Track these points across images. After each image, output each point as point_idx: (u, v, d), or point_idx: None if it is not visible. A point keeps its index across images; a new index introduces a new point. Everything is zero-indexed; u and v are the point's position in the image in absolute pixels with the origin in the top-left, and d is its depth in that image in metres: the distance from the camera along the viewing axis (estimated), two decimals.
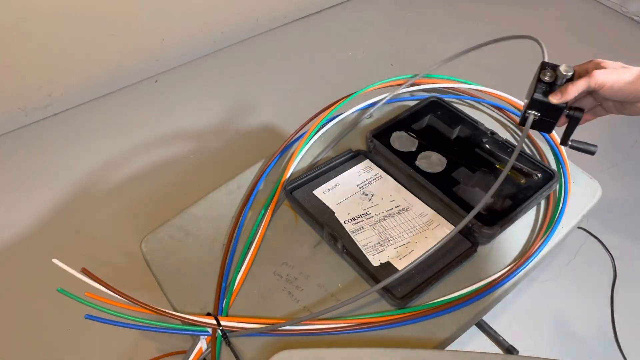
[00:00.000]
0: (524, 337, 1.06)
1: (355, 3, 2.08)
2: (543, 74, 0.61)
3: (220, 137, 1.54)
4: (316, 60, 1.82)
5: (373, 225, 0.74)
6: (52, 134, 1.57)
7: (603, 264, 1.20)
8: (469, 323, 0.67)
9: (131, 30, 1.60)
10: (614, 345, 1.06)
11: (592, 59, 0.63)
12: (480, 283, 0.68)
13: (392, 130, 0.85)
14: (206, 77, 1.75)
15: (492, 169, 0.79)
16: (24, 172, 1.46)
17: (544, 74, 0.61)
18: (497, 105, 0.95)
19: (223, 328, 0.64)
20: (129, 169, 1.45)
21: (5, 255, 1.26)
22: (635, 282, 1.16)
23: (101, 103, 1.67)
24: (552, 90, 0.61)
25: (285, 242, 0.75)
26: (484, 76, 1.56)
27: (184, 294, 0.70)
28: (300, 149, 0.86)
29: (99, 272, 0.55)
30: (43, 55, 1.48)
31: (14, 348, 1.10)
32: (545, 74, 0.61)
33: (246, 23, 1.85)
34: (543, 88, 0.61)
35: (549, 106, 0.61)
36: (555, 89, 0.61)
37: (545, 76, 0.61)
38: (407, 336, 0.64)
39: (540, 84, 0.61)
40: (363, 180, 0.80)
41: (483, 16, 1.98)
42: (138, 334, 1.09)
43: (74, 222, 1.33)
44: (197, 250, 0.75)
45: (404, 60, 1.80)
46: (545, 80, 0.61)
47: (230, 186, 0.83)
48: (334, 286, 0.69)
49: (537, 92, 0.61)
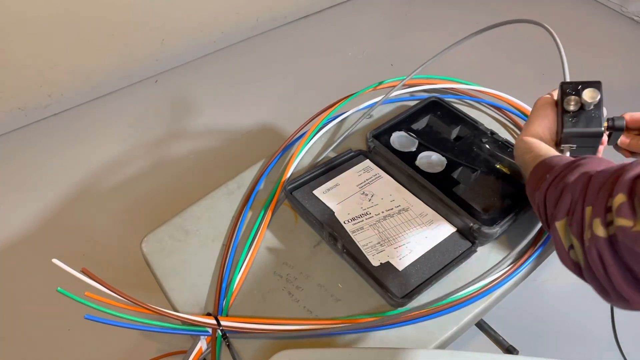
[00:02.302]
0: (524, 337, 1.06)
1: (355, 3, 2.08)
2: (567, 103, 0.56)
3: (220, 137, 1.54)
4: (316, 60, 1.82)
5: (373, 225, 0.74)
6: (52, 134, 1.57)
7: None
8: (469, 323, 0.67)
9: (131, 30, 1.60)
10: (614, 345, 1.06)
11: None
12: (480, 283, 0.68)
13: (392, 131, 0.85)
14: (206, 77, 1.75)
15: (492, 169, 0.79)
16: (23, 172, 1.46)
17: (567, 104, 0.56)
18: (497, 106, 0.95)
19: (223, 328, 0.64)
20: (129, 168, 1.45)
21: (5, 255, 1.26)
22: None
23: (101, 103, 1.67)
24: (580, 117, 0.55)
25: (285, 242, 0.75)
26: (483, 76, 1.56)
27: (183, 294, 0.70)
28: (300, 149, 0.86)
29: (98, 271, 0.55)
30: (43, 55, 1.48)
31: (13, 348, 1.10)
32: (569, 103, 0.56)
33: (246, 23, 1.85)
34: (571, 119, 0.56)
35: (584, 134, 0.56)
36: (583, 116, 0.55)
37: (569, 106, 0.56)
38: (407, 336, 0.64)
39: (566, 115, 0.56)
40: (363, 180, 0.80)
41: (483, 16, 1.98)
42: (138, 334, 1.09)
43: (74, 221, 1.33)
44: (197, 250, 0.75)
45: (404, 60, 1.80)
46: (570, 110, 0.56)
47: (230, 186, 0.83)
48: (334, 286, 0.69)
49: (565, 127, 0.55)
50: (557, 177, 0.45)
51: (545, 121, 0.58)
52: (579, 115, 0.56)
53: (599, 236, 0.36)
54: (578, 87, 0.56)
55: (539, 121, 0.59)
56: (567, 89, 0.57)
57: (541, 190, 0.47)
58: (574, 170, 0.44)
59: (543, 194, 0.47)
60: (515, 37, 1.71)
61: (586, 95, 0.54)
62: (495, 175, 0.78)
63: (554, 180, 0.45)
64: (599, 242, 0.36)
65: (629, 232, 0.33)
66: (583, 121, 0.56)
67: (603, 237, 0.36)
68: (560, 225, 0.42)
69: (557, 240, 0.43)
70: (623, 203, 0.34)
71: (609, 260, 0.36)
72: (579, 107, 0.55)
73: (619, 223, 0.34)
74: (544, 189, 0.47)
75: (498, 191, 0.76)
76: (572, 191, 0.42)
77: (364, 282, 0.69)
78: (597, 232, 0.36)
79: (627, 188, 0.35)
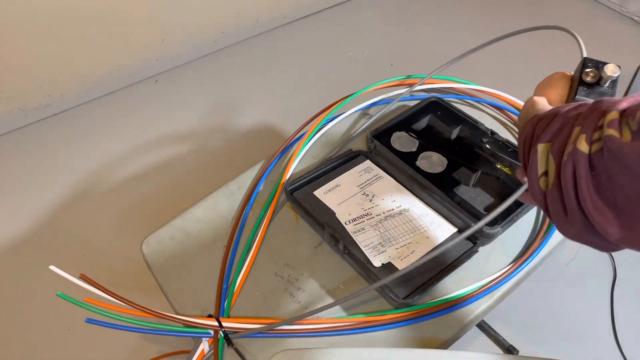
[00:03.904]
0: (524, 337, 1.06)
1: (355, 3, 2.07)
2: (586, 75, 0.54)
3: (220, 137, 1.54)
4: (316, 60, 1.82)
5: (374, 225, 0.74)
6: (52, 134, 1.57)
7: (603, 264, 1.20)
8: (471, 323, 0.67)
9: (131, 30, 1.60)
10: (614, 345, 1.06)
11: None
12: (480, 282, 0.69)
13: (393, 131, 0.85)
14: (206, 77, 1.75)
15: (492, 169, 0.79)
16: (23, 172, 1.46)
17: (586, 74, 0.54)
18: (497, 105, 0.95)
19: (225, 329, 0.64)
20: (129, 169, 1.45)
21: (4, 255, 1.26)
22: (635, 282, 1.16)
23: (101, 103, 1.67)
24: (594, 91, 0.54)
25: (286, 243, 0.75)
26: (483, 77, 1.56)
27: (184, 296, 0.70)
28: (300, 150, 0.86)
29: (98, 274, 0.55)
30: (43, 55, 1.48)
31: (13, 350, 1.10)
32: (587, 74, 0.54)
33: (246, 23, 1.85)
34: (585, 90, 0.54)
35: None
36: (597, 91, 0.53)
37: (587, 76, 0.54)
38: (408, 336, 0.64)
39: (582, 86, 0.54)
40: (364, 180, 0.80)
41: (483, 16, 1.98)
42: (139, 336, 1.09)
43: (74, 221, 1.33)
44: (197, 251, 0.75)
45: (404, 60, 1.80)
46: (587, 81, 0.54)
47: (231, 187, 0.83)
48: (335, 287, 0.69)
49: (579, 94, 0.53)
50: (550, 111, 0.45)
51: (560, 90, 0.57)
52: (594, 90, 0.54)
53: (580, 150, 0.36)
54: (599, 65, 0.55)
55: (553, 89, 0.57)
56: (588, 64, 0.56)
57: (533, 121, 0.46)
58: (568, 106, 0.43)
59: (534, 123, 0.45)
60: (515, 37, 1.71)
61: (608, 69, 0.53)
62: (496, 175, 0.78)
63: (547, 114, 0.45)
64: (577, 155, 0.36)
65: (616, 140, 0.33)
66: (595, 95, 0.55)
67: (583, 152, 0.35)
68: (542, 147, 0.41)
69: (533, 163, 0.42)
70: (614, 119, 0.34)
71: (582, 173, 0.35)
72: (595, 82, 0.54)
73: (607, 132, 0.34)
74: (536, 119, 0.45)
75: (499, 191, 0.76)
76: (564, 116, 0.41)
77: (366, 283, 0.69)
78: (580, 147, 0.36)
79: (620, 110, 0.35)
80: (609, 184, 0.34)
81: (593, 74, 0.54)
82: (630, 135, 0.33)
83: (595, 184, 0.35)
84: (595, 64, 0.55)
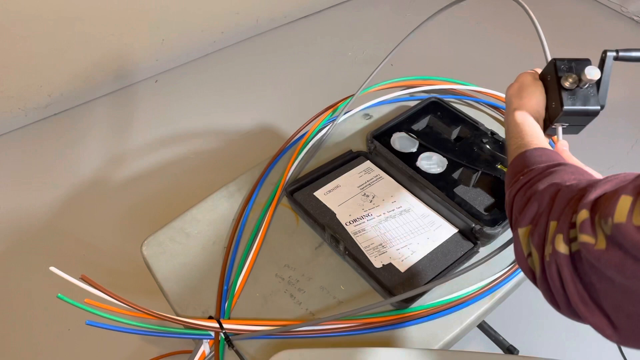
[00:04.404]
0: (524, 337, 1.06)
1: (355, 3, 2.07)
2: (564, 80, 0.54)
3: (220, 137, 1.53)
4: (316, 60, 1.82)
5: (375, 226, 0.73)
6: (52, 134, 1.57)
7: None
8: (473, 324, 0.67)
9: (131, 30, 1.60)
10: (614, 345, 1.06)
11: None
12: (481, 283, 0.69)
13: (393, 131, 0.85)
14: (206, 77, 1.75)
15: (492, 169, 0.79)
16: (23, 172, 1.46)
17: (565, 80, 0.54)
18: (496, 106, 0.95)
19: (226, 331, 0.64)
20: (130, 169, 1.45)
21: (5, 256, 1.26)
22: None
23: (101, 103, 1.67)
24: (577, 95, 0.54)
25: (286, 244, 0.75)
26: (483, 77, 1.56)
27: (185, 298, 0.70)
28: (299, 151, 0.86)
29: (98, 274, 0.55)
30: (43, 55, 1.48)
31: (14, 351, 1.10)
32: (566, 79, 0.54)
33: (246, 23, 1.85)
34: (569, 96, 0.54)
35: (582, 112, 0.54)
36: (580, 94, 0.54)
37: (566, 82, 0.54)
38: (409, 337, 0.64)
39: (565, 92, 0.54)
40: (364, 181, 0.80)
41: (483, 16, 1.98)
42: (140, 337, 1.09)
43: (74, 222, 1.33)
44: (198, 253, 0.75)
45: (404, 60, 1.79)
46: (567, 87, 0.54)
47: (231, 188, 0.83)
48: (336, 288, 0.69)
49: (565, 104, 0.54)
50: (528, 182, 0.45)
51: (537, 98, 0.57)
52: (576, 93, 0.55)
53: (560, 252, 0.36)
54: (571, 64, 0.56)
55: (530, 98, 0.57)
56: (561, 66, 0.56)
57: (512, 191, 0.47)
58: (545, 178, 0.44)
59: (512, 196, 0.47)
60: (515, 37, 1.71)
61: (588, 73, 0.53)
62: (496, 176, 0.78)
63: (524, 185, 0.46)
64: (559, 258, 0.36)
65: (592, 250, 0.33)
66: (581, 99, 0.55)
67: (564, 254, 0.36)
68: (522, 232, 0.42)
69: (517, 245, 0.44)
70: (586, 220, 0.34)
71: (568, 277, 0.36)
72: (575, 85, 0.54)
73: (582, 239, 0.34)
74: (514, 190, 0.47)
75: (499, 191, 0.76)
76: (539, 201, 0.42)
77: (367, 283, 0.69)
78: (559, 248, 0.36)
79: (590, 205, 0.35)
80: (592, 289, 0.35)
81: (572, 79, 0.54)
82: (604, 241, 0.32)
83: (584, 286, 0.35)
84: (567, 64, 0.55)
